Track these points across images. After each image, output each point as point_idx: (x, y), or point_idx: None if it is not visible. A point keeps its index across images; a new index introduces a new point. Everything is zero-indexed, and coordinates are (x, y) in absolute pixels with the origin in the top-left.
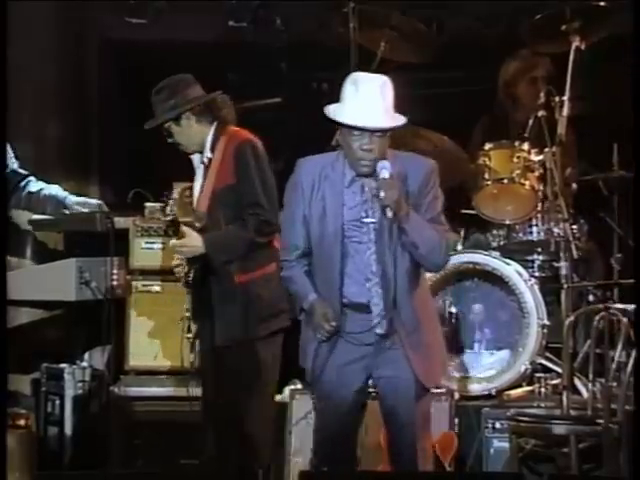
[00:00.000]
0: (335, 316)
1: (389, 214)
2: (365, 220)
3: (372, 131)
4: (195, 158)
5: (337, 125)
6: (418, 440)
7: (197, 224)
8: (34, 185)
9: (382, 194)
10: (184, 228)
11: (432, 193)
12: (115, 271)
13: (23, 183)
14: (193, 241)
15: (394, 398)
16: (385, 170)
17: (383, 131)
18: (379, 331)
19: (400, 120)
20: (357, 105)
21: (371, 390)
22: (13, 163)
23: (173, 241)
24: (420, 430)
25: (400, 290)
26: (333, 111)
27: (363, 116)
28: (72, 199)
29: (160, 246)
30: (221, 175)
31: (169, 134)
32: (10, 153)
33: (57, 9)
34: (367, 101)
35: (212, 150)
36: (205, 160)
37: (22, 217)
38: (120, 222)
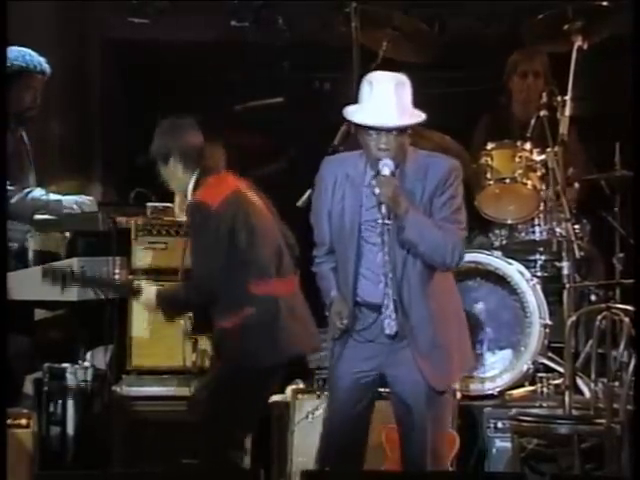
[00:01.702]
0: (348, 314)
1: (383, 210)
2: (380, 221)
3: (386, 130)
4: None
5: (355, 126)
6: (429, 442)
7: None
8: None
9: (377, 190)
10: (143, 283)
11: (449, 192)
12: (117, 271)
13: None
14: (147, 294)
15: (406, 398)
16: (386, 167)
17: (397, 130)
18: (388, 332)
19: (417, 117)
20: (372, 105)
21: (381, 390)
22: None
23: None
24: (432, 432)
25: (411, 292)
26: (350, 112)
27: (377, 116)
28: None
29: (162, 246)
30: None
31: (158, 173)
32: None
33: (58, 9)
34: (381, 100)
35: None
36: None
37: None
38: (122, 222)
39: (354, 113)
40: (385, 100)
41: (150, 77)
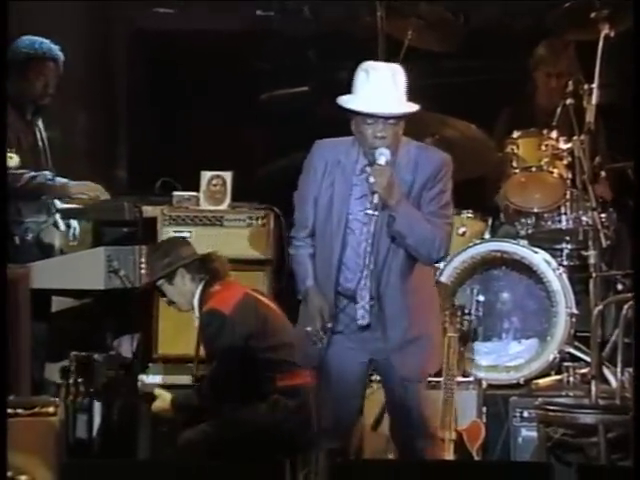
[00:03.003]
0: (330, 314)
1: (375, 200)
2: (368, 212)
3: (385, 117)
4: None
5: (351, 114)
6: (414, 429)
7: None
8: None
9: (372, 179)
10: (158, 390)
11: (439, 186)
12: (143, 260)
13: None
14: (161, 402)
15: (387, 386)
16: (382, 157)
17: (396, 117)
18: (360, 322)
19: (412, 108)
20: (369, 92)
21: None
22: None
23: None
24: (416, 419)
25: (388, 284)
26: (346, 100)
27: (375, 103)
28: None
29: (188, 235)
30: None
31: (162, 293)
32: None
33: (86, 1)
34: (379, 88)
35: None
36: (196, 319)
37: None
38: (148, 211)
39: (350, 101)
40: (383, 88)
41: (176, 67)
